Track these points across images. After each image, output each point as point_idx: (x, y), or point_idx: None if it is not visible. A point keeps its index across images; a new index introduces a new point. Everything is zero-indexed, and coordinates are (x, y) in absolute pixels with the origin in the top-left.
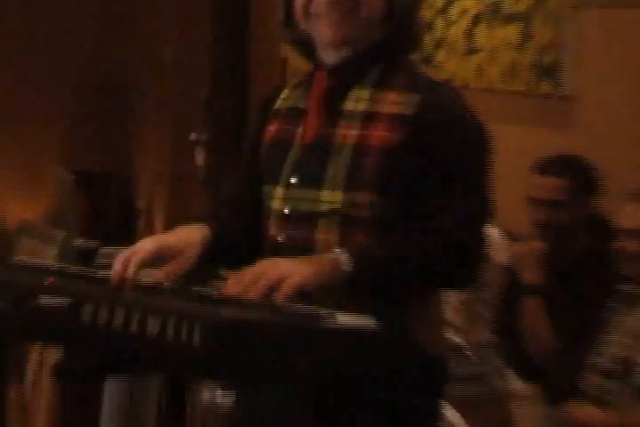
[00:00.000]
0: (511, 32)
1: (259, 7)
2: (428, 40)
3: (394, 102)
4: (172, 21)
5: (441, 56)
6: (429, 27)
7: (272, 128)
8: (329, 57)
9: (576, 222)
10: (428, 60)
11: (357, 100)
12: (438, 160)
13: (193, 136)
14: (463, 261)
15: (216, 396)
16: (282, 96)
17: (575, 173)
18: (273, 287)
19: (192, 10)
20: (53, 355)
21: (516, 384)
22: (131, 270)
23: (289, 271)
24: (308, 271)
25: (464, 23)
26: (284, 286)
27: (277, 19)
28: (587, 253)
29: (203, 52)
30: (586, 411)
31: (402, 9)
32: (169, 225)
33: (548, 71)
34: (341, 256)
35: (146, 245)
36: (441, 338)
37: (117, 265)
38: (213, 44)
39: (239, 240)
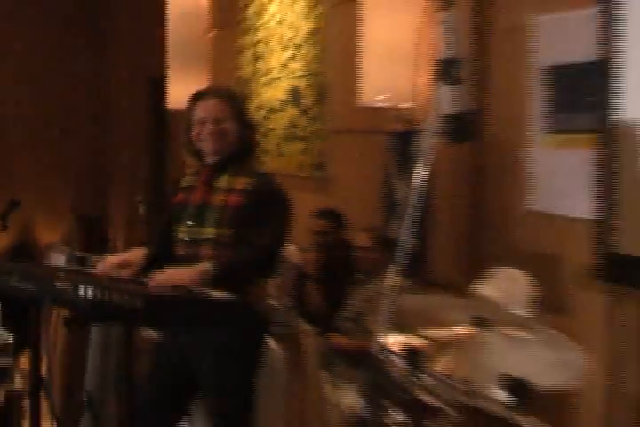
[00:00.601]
0: (298, 147)
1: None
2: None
3: (242, 183)
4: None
5: (263, 158)
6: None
7: (179, 196)
8: (209, 160)
9: (334, 242)
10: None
11: (223, 181)
12: (263, 214)
13: (138, 198)
14: (272, 262)
15: (148, 333)
16: (184, 179)
17: (334, 218)
18: (176, 279)
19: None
20: (64, 314)
21: (305, 326)
22: (107, 269)
23: (184, 272)
24: (193, 272)
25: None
26: (181, 278)
27: (182, 141)
28: (340, 258)
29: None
30: (339, 339)
31: (246, 135)
32: (126, 248)
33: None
34: (208, 264)
35: (114, 258)
36: (266, 302)
37: (100, 266)
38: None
39: (161, 256)
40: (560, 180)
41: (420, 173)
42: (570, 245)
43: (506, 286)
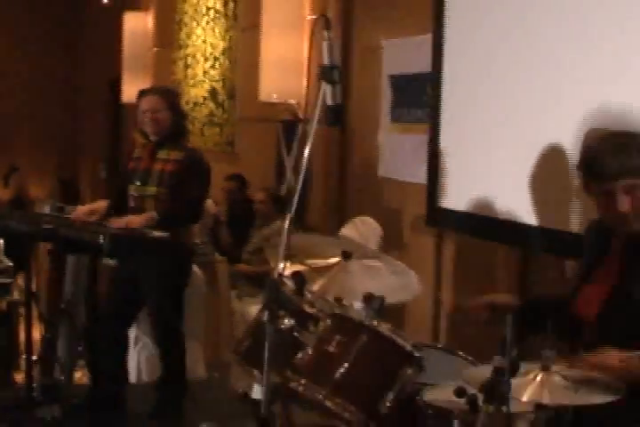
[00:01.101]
0: (215, 131)
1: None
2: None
3: (176, 155)
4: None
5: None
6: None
7: (131, 164)
8: (152, 138)
9: (240, 197)
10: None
11: (162, 154)
12: (191, 177)
13: (101, 166)
14: (197, 212)
15: (107, 262)
16: (135, 152)
17: (240, 180)
18: (130, 223)
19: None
20: (48, 247)
21: (219, 257)
22: (79, 215)
23: (136, 218)
24: (141, 218)
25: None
26: (132, 222)
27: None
28: (244, 209)
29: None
30: (243, 266)
31: (178, 121)
32: (93, 201)
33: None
34: (154, 213)
35: (84, 207)
36: (191, 240)
37: (74, 213)
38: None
39: (119, 206)
40: (401, 155)
41: (303, 150)
42: (409, 201)
43: (363, 230)
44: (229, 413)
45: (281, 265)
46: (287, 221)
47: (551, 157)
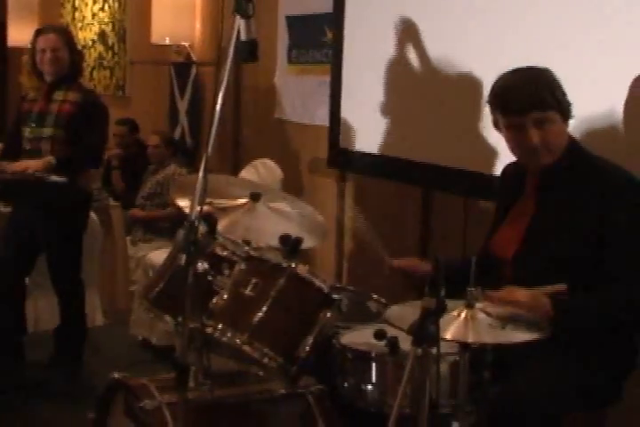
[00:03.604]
0: (105, 74)
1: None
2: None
3: (73, 96)
4: None
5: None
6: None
7: (25, 106)
8: (48, 79)
9: (131, 142)
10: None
11: (59, 95)
12: (89, 120)
13: None
14: (96, 156)
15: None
16: (29, 94)
17: (131, 124)
18: (29, 167)
19: None
20: None
21: (114, 203)
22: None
23: (34, 162)
24: (40, 162)
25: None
26: (31, 167)
27: (27, 66)
28: (136, 153)
29: None
30: (137, 211)
31: (76, 60)
32: None
33: (121, 88)
34: (52, 158)
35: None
36: (89, 185)
37: (14, 165)
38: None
39: (13, 150)
40: (300, 97)
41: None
42: (309, 143)
43: (263, 173)
44: (129, 359)
45: (198, 207)
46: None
47: (455, 96)
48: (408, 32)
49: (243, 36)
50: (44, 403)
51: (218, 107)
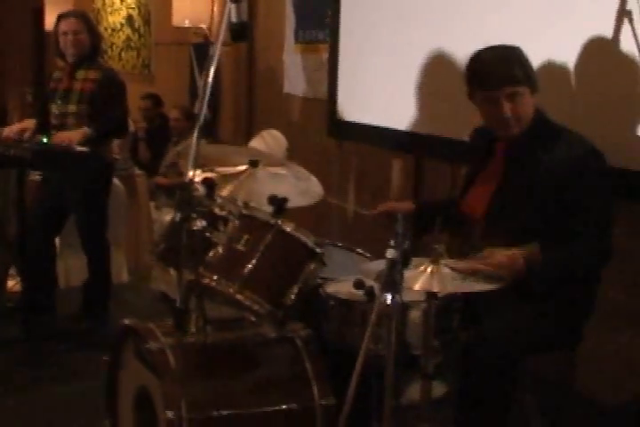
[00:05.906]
0: (132, 55)
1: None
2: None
3: (93, 74)
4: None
5: (110, 62)
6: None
7: (52, 84)
8: (70, 60)
9: (155, 115)
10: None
11: (81, 74)
12: (107, 96)
13: (27, 90)
14: (122, 127)
15: (35, 177)
16: (55, 74)
17: (155, 99)
18: (69, 138)
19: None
20: None
21: (138, 171)
22: (10, 134)
23: (72, 133)
24: (78, 133)
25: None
26: (71, 138)
27: (53, 48)
28: (160, 125)
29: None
30: (160, 179)
31: (95, 42)
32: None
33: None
34: (86, 128)
35: (14, 126)
36: (110, 154)
37: (5, 132)
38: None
39: (44, 124)
40: (304, 73)
41: (212, 69)
42: (312, 115)
43: (270, 142)
44: (150, 312)
45: (191, 172)
46: (196, 132)
47: (442, 72)
48: (402, 11)
49: (233, 19)
50: (72, 350)
51: (209, 79)
